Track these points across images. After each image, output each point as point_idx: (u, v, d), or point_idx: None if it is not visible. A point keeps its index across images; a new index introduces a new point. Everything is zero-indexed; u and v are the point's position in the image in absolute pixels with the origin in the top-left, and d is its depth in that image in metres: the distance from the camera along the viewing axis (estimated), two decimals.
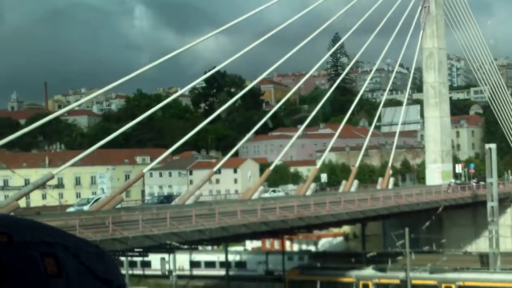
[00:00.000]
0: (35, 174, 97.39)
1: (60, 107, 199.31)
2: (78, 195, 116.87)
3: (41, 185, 51.21)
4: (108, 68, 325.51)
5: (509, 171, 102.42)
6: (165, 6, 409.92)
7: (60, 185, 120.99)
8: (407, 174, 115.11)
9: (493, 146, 67.17)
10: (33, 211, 58.84)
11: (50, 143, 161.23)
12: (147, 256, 53.46)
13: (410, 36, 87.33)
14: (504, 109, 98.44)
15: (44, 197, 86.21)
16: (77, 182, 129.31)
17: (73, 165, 61.20)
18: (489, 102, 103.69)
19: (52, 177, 53.25)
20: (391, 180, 79.51)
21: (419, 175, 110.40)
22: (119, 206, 51.33)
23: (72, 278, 1.14)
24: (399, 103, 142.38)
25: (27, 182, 55.52)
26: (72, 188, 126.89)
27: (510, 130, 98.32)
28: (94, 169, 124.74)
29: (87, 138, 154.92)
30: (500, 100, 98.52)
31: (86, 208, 52.46)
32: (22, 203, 69.00)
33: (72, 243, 1.20)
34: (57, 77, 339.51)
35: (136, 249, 44.48)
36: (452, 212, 76.61)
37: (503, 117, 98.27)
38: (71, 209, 54.43)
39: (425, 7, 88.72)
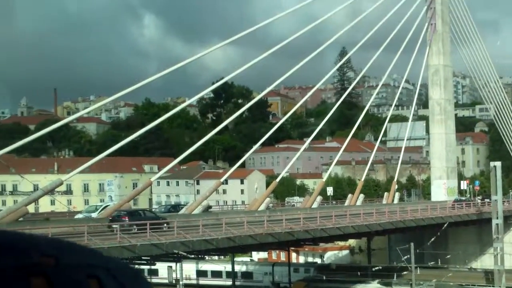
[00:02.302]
0: (44, 180, 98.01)
1: (69, 114, 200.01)
2: (86, 201, 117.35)
3: (50, 191, 51.70)
4: (117, 76, 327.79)
5: None
6: (174, 15, 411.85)
7: (68, 191, 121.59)
8: (413, 190, 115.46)
9: (498, 164, 67.55)
10: (42, 216, 59.22)
11: (59, 149, 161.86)
12: (154, 264, 53.83)
13: (416, 52, 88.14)
14: (509, 127, 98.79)
15: (52, 203, 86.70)
16: (86, 189, 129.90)
17: (82, 172, 61.94)
18: (494, 120, 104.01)
19: (61, 183, 53.88)
20: (397, 195, 79.95)
21: (425, 191, 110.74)
22: None
23: None
24: (404, 119, 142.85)
25: (36, 187, 55.99)
26: (81, 195, 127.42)
27: None
28: (102, 177, 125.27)
29: (96, 145, 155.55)
30: (505, 118, 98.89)
31: (94, 215, 52.85)
32: (30, 208, 69.71)
33: (112, 265, 1.28)
34: (66, 84, 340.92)
35: (143, 257, 44.93)
36: (457, 229, 76.93)
37: (508, 135, 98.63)
38: (79, 216, 54.77)
39: (431, 24, 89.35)
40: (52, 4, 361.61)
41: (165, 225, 45.89)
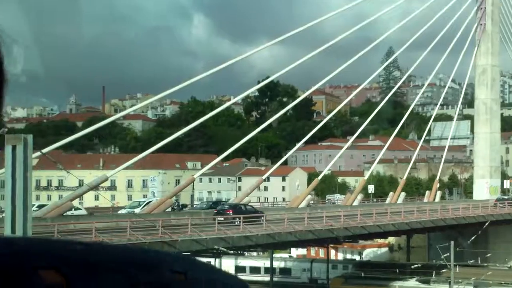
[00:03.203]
0: (89, 176, 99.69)
1: (116, 111, 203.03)
2: (129, 197, 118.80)
3: (95, 187, 52.87)
4: (164, 75, 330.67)
5: None
6: (222, 15, 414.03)
7: (112, 187, 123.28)
8: (454, 188, 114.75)
9: None
10: (86, 211, 60.43)
11: (105, 145, 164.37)
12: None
13: (464, 52, 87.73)
14: None
15: (96, 198, 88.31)
16: (129, 185, 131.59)
17: (126, 168, 63.17)
18: None
19: (106, 179, 55.13)
20: (438, 193, 79.84)
21: (467, 190, 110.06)
22: (169, 210, 52.93)
23: None
24: (449, 118, 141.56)
25: (81, 183, 57.35)
26: (124, 191, 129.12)
27: None
28: (146, 173, 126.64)
29: (141, 142, 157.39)
30: None
31: (137, 210, 53.83)
32: (75, 203, 71.49)
33: (228, 279, 1.36)
34: (115, 82, 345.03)
35: (183, 253, 45.71)
36: (498, 227, 76.53)
37: None
38: (122, 211, 55.70)
39: (481, 24, 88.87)
40: (104, 4, 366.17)
41: (262, 218, 48.74)
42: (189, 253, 46.41)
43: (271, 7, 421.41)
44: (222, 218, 47.60)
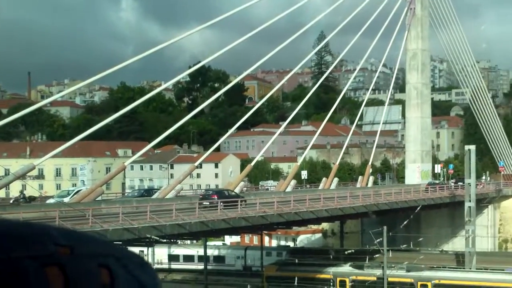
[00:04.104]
0: (15, 164, 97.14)
1: (43, 98, 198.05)
2: (58, 186, 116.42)
3: (22, 176, 51.07)
4: (92, 59, 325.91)
5: (487, 173, 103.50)
6: None
7: (40, 176, 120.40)
8: (387, 173, 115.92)
9: (472, 147, 67.85)
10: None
11: (31, 133, 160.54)
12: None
13: (394, 37, 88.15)
14: (484, 111, 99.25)
15: (24, 187, 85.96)
16: (58, 173, 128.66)
17: (54, 156, 61.24)
18: (470, 104, 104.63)
19: (33, 168, 53.17)
20: (371, 178, 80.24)
21: (399, 174, 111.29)
22: (99, 198, 51.50)
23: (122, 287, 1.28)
24: (381, 103, 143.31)
25: (7, 172, 55.22)
26: (53, 180, 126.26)
27: (489, 132, 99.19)
28: (75, 161, 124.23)
29: (69, 129, 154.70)
30: (481, 103, 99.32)
31: (66, 200, 52.26)
32: (1, 193, 68.76)
33: (122, 254, 1.32)
34: (41, 68, 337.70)
35: (115, 242, 44.50)
36: (430, 212, 77.41)
37: (483, 119, 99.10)
38: (51, 201, 54.05)
39: (411, 8, 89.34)
40: None
41: (244, 203, 51.42)
42: (120, 242, 45.23)
43: None
44: (208, 203, 50.46)
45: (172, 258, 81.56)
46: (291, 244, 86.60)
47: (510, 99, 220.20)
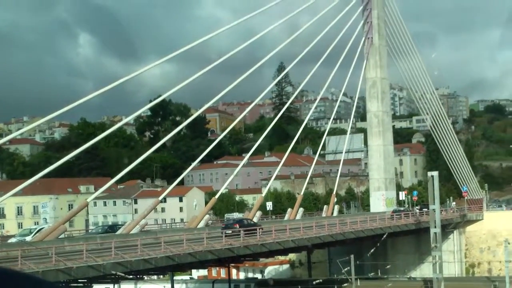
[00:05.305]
0: None
1: (1, 136, 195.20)
2: (20, 225, 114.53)
3: None
4: (51, 96, 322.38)
5: (451, 198, 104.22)
6: (109, 33, 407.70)
7: (1, 215, 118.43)
8: (352, 202, 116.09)
9: (435, 173, 68.12)
10: None
11: None
12: (91, 287, 52.46)
13: (353, 66, 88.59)
14: (445, 137, 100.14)
15: None
16: (19, 212, 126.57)
17: (15, 194, 60.16)
18: (431, 131, 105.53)
19: None
20: (336, 207, 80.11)
21: (364, 203, 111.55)
22: (62, 236, 50.52)
23: None
24: (343, 132, 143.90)
25: None
26: (14, 218, 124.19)
27: (451, 158, 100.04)
28: (37, 199, 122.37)
29: (30, 167, 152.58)
30: (441, 129, 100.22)
31: (28, 238, 51.21)
32: None
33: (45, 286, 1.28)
34: None
35: (80, 280, 43.59)
36: (396, 239, 77.49)
37: (445, 145, 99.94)
38: (12, 240, 52.96)
39: (368, 38, 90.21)
40: None
41: (259, 230, 54.71)
42: (85, 280, 44.29)
43: (159, 24, 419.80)
44: (230, 231, 53.12)
45: None
46: (259, 276, 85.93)
47: (470, 124, 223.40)
